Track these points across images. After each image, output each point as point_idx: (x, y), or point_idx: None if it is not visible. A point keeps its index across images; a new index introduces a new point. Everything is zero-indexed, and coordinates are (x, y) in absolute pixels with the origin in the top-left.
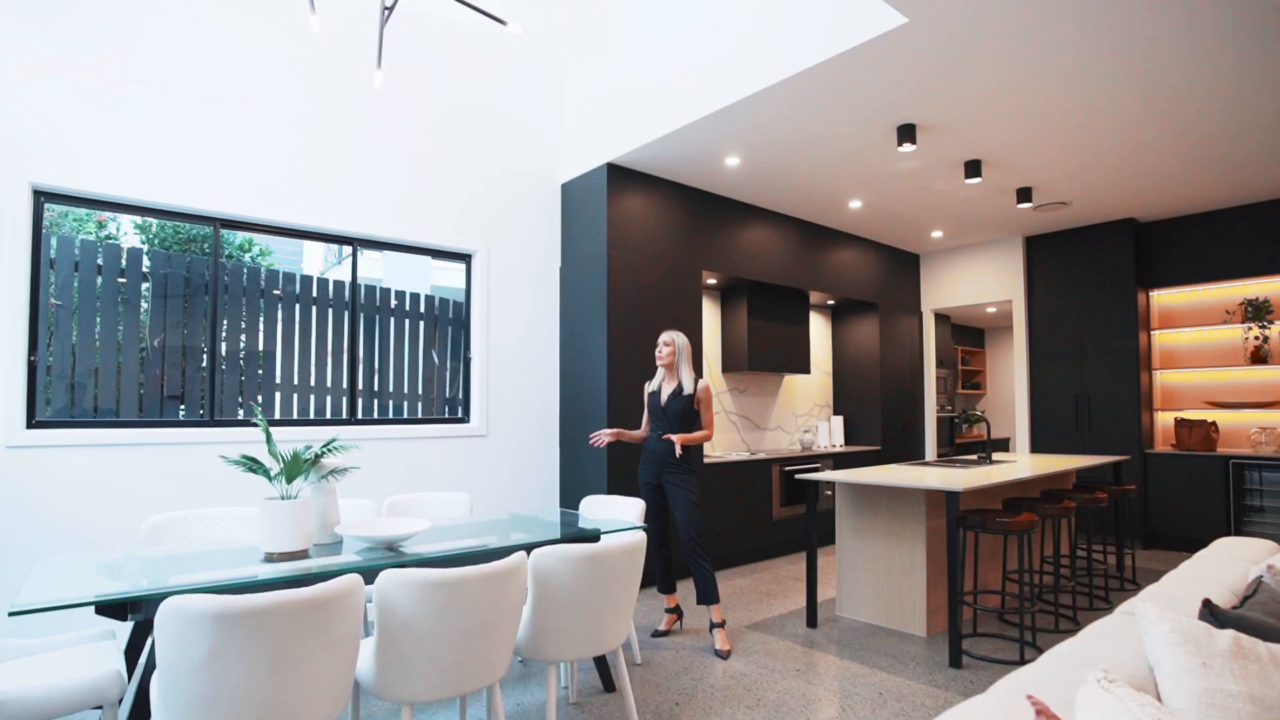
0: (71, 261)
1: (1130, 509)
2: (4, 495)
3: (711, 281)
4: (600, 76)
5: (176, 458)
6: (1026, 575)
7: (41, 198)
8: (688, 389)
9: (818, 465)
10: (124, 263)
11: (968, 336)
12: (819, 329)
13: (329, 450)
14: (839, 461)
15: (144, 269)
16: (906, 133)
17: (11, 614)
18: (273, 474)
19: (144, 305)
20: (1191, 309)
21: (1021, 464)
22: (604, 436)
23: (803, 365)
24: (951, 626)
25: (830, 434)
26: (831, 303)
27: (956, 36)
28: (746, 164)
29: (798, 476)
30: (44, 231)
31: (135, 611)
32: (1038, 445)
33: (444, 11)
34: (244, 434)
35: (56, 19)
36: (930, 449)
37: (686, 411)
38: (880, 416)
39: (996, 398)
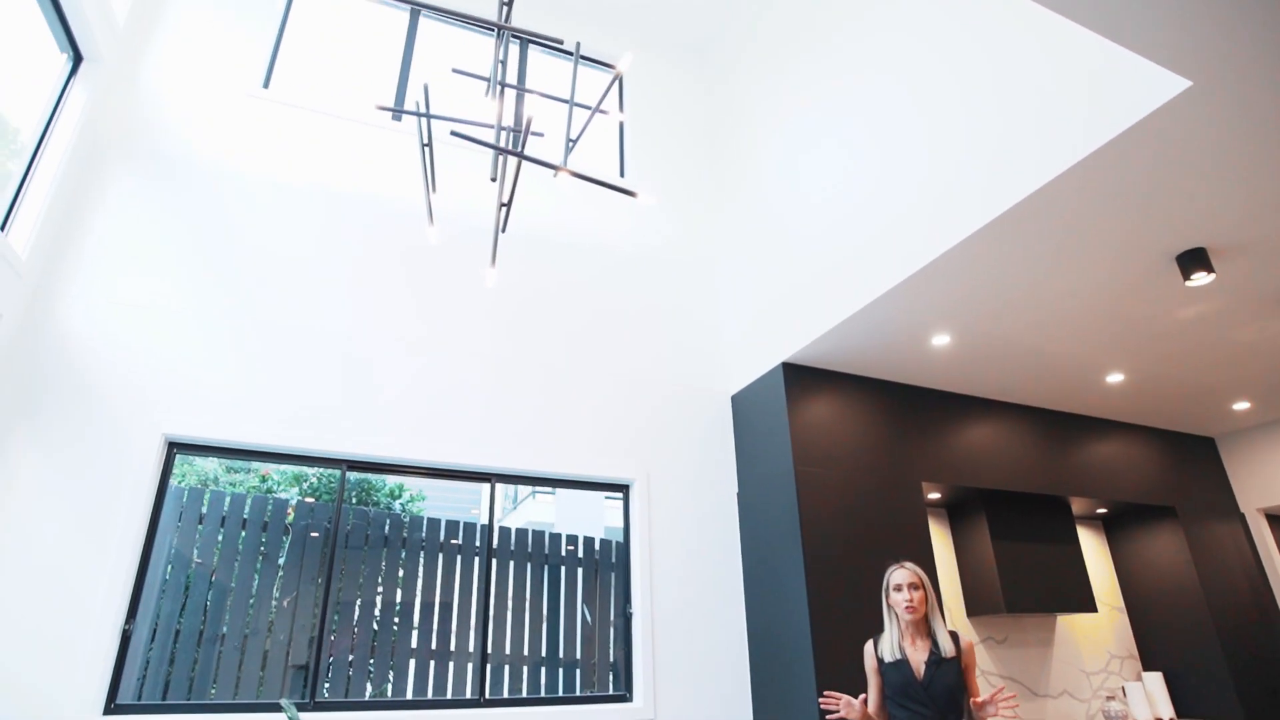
0: (219, 516)
1: None
2: None
3: (934, 496)
4: (762, 267)
5: None
6: None
7: (174, 449)
8: (948, 650)
9: None
10: (268, 514)
11: None
12: (1092, 548)
13: None
14: None
15: (286, 521)
16: (1194, 261)
17: None
18: None
19: (281, 561)
20: None
21: None
22: (846, 706)
23: (1083, 601)
24: None
25: (1149, 701)
26: (1102, 511)
27: (1267, 100)
28: (959, 342)
29: None
30: (169, 483)
31: None
32: None
33: (582, 223)
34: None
35: (181, 272)
36: None
37: (959, 686)
38: (1226, 670)
39: None
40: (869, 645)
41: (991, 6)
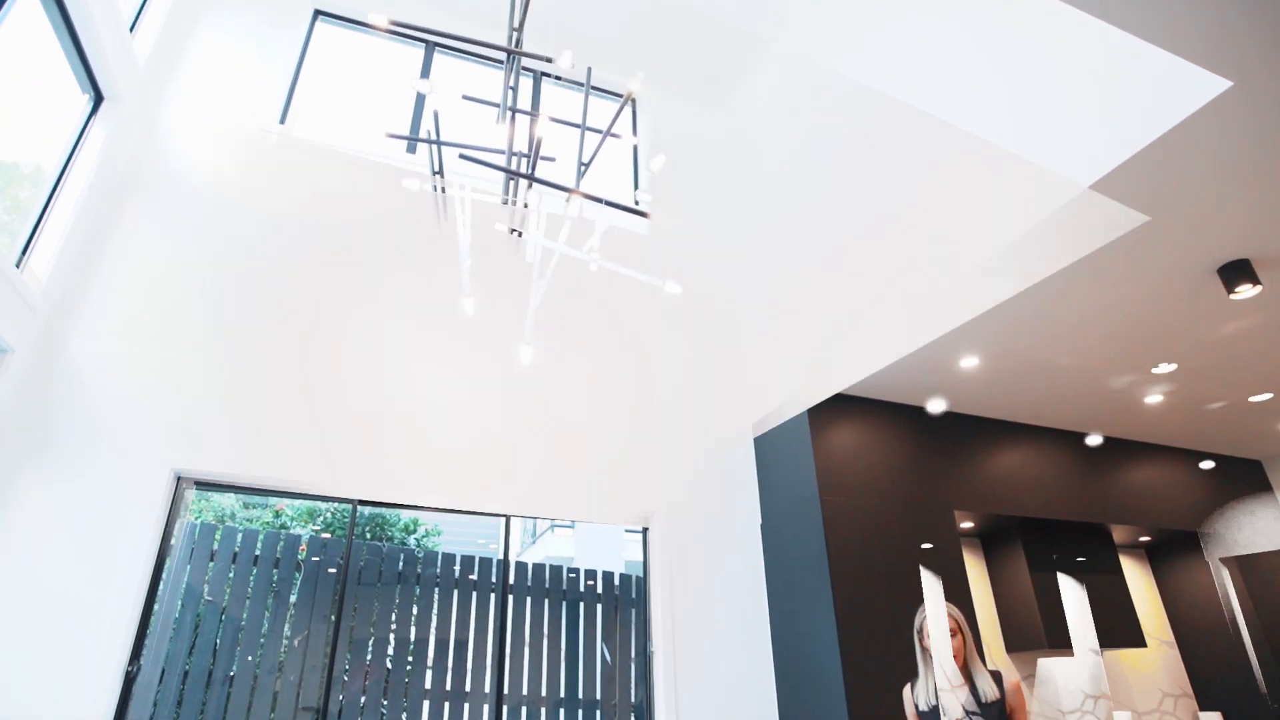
0: (231, 552)
1: None
2: None
3: (967, 525)
4: (785, 297)
5: None
6: None
7: (183, 484)
8: (989, 694)
9: None
10: (280, 550)
11: None
12: (1137, 579)
13: None
14: None
15: (299, 557)
16: (1238, 273)
17: None
18: None
19: (292, 599)
20: None
21: None
22: None
23: (1130, 635)
24: None
25: None
26: (1145, 539)
27: None
28: (989, 364)
29: None
30: (178, 519)
31: None
32: None
33: (601, 258)
34: None
35: (195, 307)
36: None
37: None
38: None
39: None
40: (906, 691)
41: (1008, 20)
